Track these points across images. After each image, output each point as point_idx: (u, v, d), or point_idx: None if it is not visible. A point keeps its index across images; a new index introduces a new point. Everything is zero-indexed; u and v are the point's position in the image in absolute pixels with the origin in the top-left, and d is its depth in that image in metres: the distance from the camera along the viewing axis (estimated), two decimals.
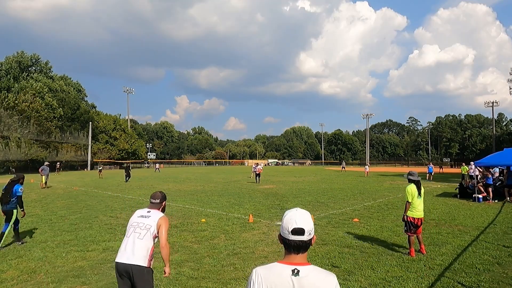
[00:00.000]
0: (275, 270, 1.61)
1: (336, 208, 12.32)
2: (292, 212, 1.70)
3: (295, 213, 1.68)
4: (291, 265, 1.60)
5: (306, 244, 1.64)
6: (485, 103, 65.42)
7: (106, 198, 15.46)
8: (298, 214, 1.67)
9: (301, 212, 1.69)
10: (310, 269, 1.61)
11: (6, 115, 45.09)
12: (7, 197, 7.16)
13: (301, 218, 1.65)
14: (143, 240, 3.28)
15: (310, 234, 1.65)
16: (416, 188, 6.40)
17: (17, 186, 7.35)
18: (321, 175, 36.26)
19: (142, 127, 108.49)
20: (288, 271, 1.58)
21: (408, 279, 5.12)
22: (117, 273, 3.28)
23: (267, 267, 1.65)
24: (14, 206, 7.25)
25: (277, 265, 1.63)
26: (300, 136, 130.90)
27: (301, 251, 1.64)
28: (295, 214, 1.67)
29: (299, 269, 1.58)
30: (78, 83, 74.78)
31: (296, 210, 1.70)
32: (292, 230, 1.63)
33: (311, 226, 1.66)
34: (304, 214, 1.68)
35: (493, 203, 13.52)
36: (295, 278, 1.56)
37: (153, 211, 3.56)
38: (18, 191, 7.30)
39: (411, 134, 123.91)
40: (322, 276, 1.60)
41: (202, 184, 23.46)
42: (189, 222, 9.57)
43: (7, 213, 7.19)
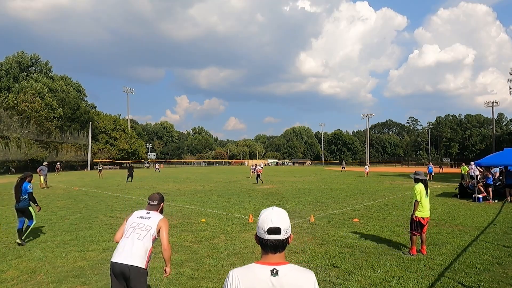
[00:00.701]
0: (253, 271, 1.58)
1: (336, 208, 12.32)
2: (268, 211, 1.66)
3: (271, 212, 1.64)
4: (269, 265, 1.57)
5: (283, 243, 1.61)
6: (485, 103, 65.46)
7: (106, 198, 15.45)
8: (274, 213, 1.64)
9: (277, 210, 1.66)
10: (289, 268, 1.58)
11: (6, 115, 45.09)
12: (18, 195, 7.45)
13: (277, 217, 1.62)
14: (143, 241, 3.24)
15: (286, 233, 1.62)
16: (424, 187, 6.46)
17: (25, 184, 7.59)
18: (321, 175, 36.26)
19: (142, 127, 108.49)
20: (266, 271, 1.55)
21: (408, 279, 5.12)
22: (112, 274, 3.22)
23: (244, 268, 1.61)
24: (27, 203, 7.52)
25: (255, 266, 1.60)
26: (300, 136, 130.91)
27: (278, 250, 1.61)
28: (271, 213, 1.64)
29: (278, 269, 1.55)
30: (78, 83, 74.83)
31: (272, 209, 1.67)
32: (268, 229, 1.59)
33: (288, 224, 1.63)
34: (281, 213, 1.65)
35: (493, 203, 13.52)
36: (274, 278, 1.54)
37: (153, 213, 3.55)
38: (27, 189, 7.54)
39: (411, 134, 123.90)
40: (301, 274, 1.59)
41: (202, 184, 23.46)
42: (189, 222, 9.57)
43: (22, 210, 7.47)
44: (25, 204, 7.51)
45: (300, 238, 7.70)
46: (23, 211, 7.50)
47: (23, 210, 7.50)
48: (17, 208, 7.50)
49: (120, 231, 3.45)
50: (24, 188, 7.53)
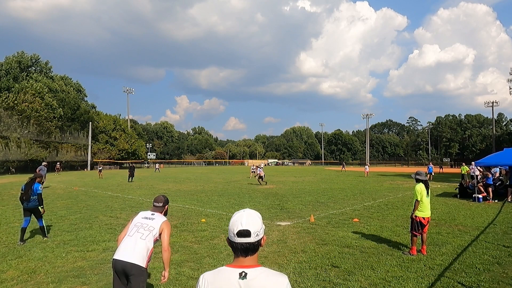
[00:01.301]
0: (222, 274, 1.56)
1: (336, 208, 12.32)
2: (239, 213, 1.63)
3: (241, 214, 1.62)
4: (239, 268, 1.55)
5: (254, 246, 1.58)
6: (485, 103, 65.55)
7: (106, 198, 15.45)
8: (244, 215, 1.61)
9: (249, 212, 1.63)
10: (259, 271, 1.55)
11: (6, 115, 45.09)
12: (28, 195, 7.50)
13: (247, 219, 1.59)
14: (145, 240, 3.34)
15: (257, 235, 1.59)
16: (425, 187, 6.47)
17: (36, 185, 7.69)
18: (321, 175, 36.26)
19: (142, 127, 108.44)
20: (235, 274, 1.53)
21: (408, 279, 5.12)
22: (114, 271, 3.29)
23: (214, 272, 1.60)
24: (36, 203, 7.62)
25: (225, 269, 1.58)
26: (300, 136, 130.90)
27: (249, 253, 1.58)
28: (241, 215, 1.61)
29: (246, 272, 1.53)
30: (78, 83, 74.82)
31: (244, 211, 1.64)
32: (238, 232, 1.56)
33: (258, 227, 1.60)
34: (252, 215, 1.62)
35: (493, 203, 13.52)
36: (243, 281, 1.51)
37: (157, 214, 3.64)
38: (38, 189, 7.65)
39: (411, 134, 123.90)
40: (272, 278, 1.55)
41: (202, 184, 23.46)
42: (189, 222, 9.57)
43: (32, 210, 7.59)
44: (35, 204, 7.63)
45: (300, 238, 7.70)
46: (34, 211, 7.63)
47: (34, 210, 7.62)
48: (26, 207, 7.59)
49: (124, 231, 3.54)
50: (35, 188, 7.64)
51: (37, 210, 7.65)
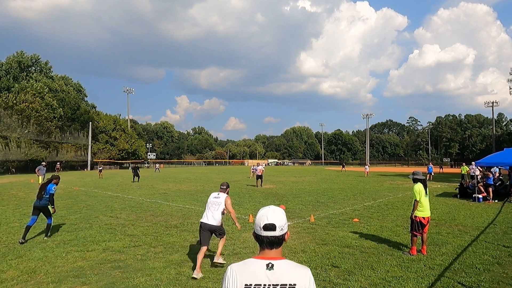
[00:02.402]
0: (250, 265, 1.64)
1: (336, 208, 12.32)
2: (265, 209, 1.73)
3: (267, 210, 1.71)
4: (265, 260, 1.63)
5: (278, 239, 1.67)
6: (485, 103, 65.50)
7: (106, 198, 15.45)
8: (270, 210, 1.70)
9: (274, 208, 1.72)
10: (284, 263, 1.63)
11: (6, 115, 45.08)
12: (41, 194, 7.87)
13: (273, 214, 1.68)
14: (217, 211, 5.59)
15: (282, 229, 1.67)
16: (423, 187, 6.47)
17: (51, 185, 8.07)
18: (321, 175, 36.26)
19: (142, 127, 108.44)
20: (262, 265, 1.61)
21: (408, 279, 5.12)
22: (201, 229, 5.56)
23: (242, 263, 1.68)
24: (47, 202, 7.93)
25: (252, 261, 1.66)
26: (300, 136, 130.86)
27: (274, 246, 1.67)
28: (267, 210, 1.71)
29: (273, 263, 1.61)
30: (78, 83, 74.84)
31: (269, 207, 1.74)
32: (264, 226, 1.66)
33: (283, 221, 1.69)
34: (277, 210, 1.71)
35: (493, 203, 13.52)
36: (270, 272, 1.59)
37: (221, 194, 5.84)
38: (51, 189, 8.00)
39: (411, 134, 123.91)
40: (296, 269, 1.63)
41: (202, 184, 23.46)
42: (189, 222, 9.57)
43: (42, 209, 7.88)
44: (45, 203, 7.93)
45: (300, 238, 7.70)
46: (43, 209, 7.89)
47: (44, 208, 7.88)
48: (37, 205, 7.83)
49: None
50: (49, 188, 7.96)
51: (47, 209, 7.92)
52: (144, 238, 7.78)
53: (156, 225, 9.21)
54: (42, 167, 21.33)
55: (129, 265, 5.86)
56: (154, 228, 8.89)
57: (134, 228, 8.83)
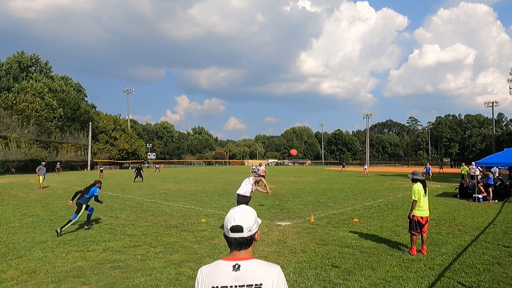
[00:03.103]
0: (218, 267, 1.65)
1: (336, 208, 12.32)
2: (234, 209, 1.72)
3: (235, 211, 1.70)
4: (233, 261, 1.63)
5: (247, 240, 1.66)
6: (485, 103, 65.46)
7: (106, 198, 15.44)
8: (238, 211, 1.69)
9: (243, 209, 1.71)
10: (252, 263, 1.63)
11: (5, 115, 45.07)
12: (84, 193, 8.77)
13: (240, 215, 1.67)
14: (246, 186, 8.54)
15: (250, 230, 1.65)
16: (422, 187, 6.48)
17: (94, 188, 8.91)
18: (321, 175, 36.26)
19: (142, 127, 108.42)
20: (229, 267, 1.61)
21: (408, 279, 5.12)
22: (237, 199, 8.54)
23: (211, 265, 1.69)
24: (84, 201, 8.68)
25: (221, 262, 1.66)
26: (300, 136, 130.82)
27: (243, 247, 1.66)
28: (235, 211, 1.69)
29: (240, 264, 1.61)
30: (78, 83, 74.81)
31: (238, 207, 1.73)
32: (231, 227, 1.65)
33: (251, 222, 1.67)
34: (245, 211, 1.70)
35: (493, 203, 13.52)
36: (236, 272, 1.59)
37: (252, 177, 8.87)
38: (95, 192, 8.88)
39: (411, 134, 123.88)
40: (265, 268, 1.62)
41: (202, 184, 23.46)
42: (189, 222, 9.57)
43: (78, 205, 8.61)
44: (83, 201, 8.65)
45: (300, 238, 7.70)
46: (78, 205, 8.60)
47: (79, 205, 8.61)
48: (77, 201, 8.71)
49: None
50: (93, 190, 8.85)
51: (80, 206, 8.62)
52: (144, 238, 7.78)
53: (156, 225, 9.21)
54: (42, 167, 21.38)
55: (129, 265, 5.86)
56: (154, 228, 8.89)
57: (134, 228, 8.83)
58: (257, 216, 1.76)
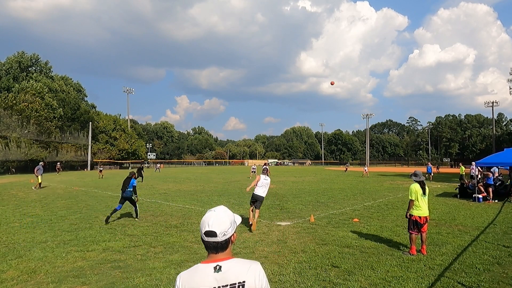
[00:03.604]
0: (197, 271, 1.63)
1: (336, 208, 12.32)
2: (209, 213, 1.69)
3: (209, 215, 1.67)
4: (213, 263, 1.62)
5: (221, 244, 1.64)
6: (485, 103, 65.51)
7: (106, 198, 15.45)
8: (213, 215, 1.67)
9: (217, 213, 1.68)
10: (232, 262, 1.63)
11: (5, 115, 45.07)
12: (125, 187, 9.94)
13: (214, 220, 1.64)
14: (266, 187, 8.84)
15: (224, 235, 1.64)
16: (420, 187, 6.47)
17: (133, 180, 10.04)
18: (321, 175, 36.26)
19: (142, 127, 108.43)
20: (210, 269, 1.60)
21: (408, 279, 5.12)
22: (252, 198, 8.78)
23: (190, 270, 1.66)
24: (130, 193, 9.95)
25: (200, 266, 1.65)
26: (300, 136, 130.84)
27: (219, 250, 1.65)
28: (209, 216, 1.67)
29: (220, 265, 1.60)
30: (78, 83, 74.83)
31: (214, 211, 1.70)
32: (205, 232, 1.64)
33: (225, 227, 1.64)
34: (219, 216, 1.67)
35: (493, 203, 13.52)
36: (218, 274, 1.59)
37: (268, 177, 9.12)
38: (133, 183, 10.02)
39: (411, 134, 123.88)
40: (245, 266, 1.63)
41: (202, 184, 23.46)
42: (189, 222, 9.57)
43: (128, 199, 9.98)
44: (130, 194, 9.94)
45: (300, 238, 7.70)
46: (129, 199, 9.97)
47: (129, 198, 9.95)
48: (123, 196, 9.94)
49: (253, 183, 8.91)
50: (132, 182, 9.94)
51: (131, 199, 9.99)
52: (144, 238, 7.78)
53: (156, 225, 9.21)
54: (41, 166, 21.22)
55: (129, 265, 5.86)
56: (154, 228, 8.89)
57: (134, 228, 8.83)
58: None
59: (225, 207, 1.76)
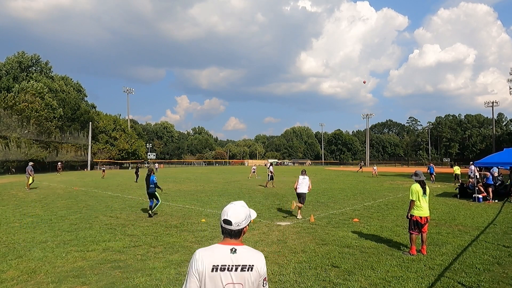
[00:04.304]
0: (216, 249, 1.95)
1: (336, 208, 12.32)
2: (230, 205, 2.03)
3: (230, 207, 2.02)
4: (229, 245, 1.95)
5: (235, 232, 1.97)
6: (485, 103, 65.52)
7: (106, 198, 15.46)
8: (232, 208, 2.01)
9: (236, 207, 2.01)
10: (245, 249, 1.98)
11: (5, 115, 45.06)
12: (148, 185, 10.79)
13: (233, 212, 1.98)
14: (306, 185, 10.56)
15: (238, 225, 1.97)
16: (421, 187, 6.47)
17: (152, 177, 10.84)
18: (321, 175, 36.26)
19: (142, 127, 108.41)
20: (227, 250, 1.93)
21: (408, 279, 5.12)
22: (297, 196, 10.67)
23: (208, 248, 1.98)
24: (154, 189, 10.74)
25: (218, 246, 1.97)
26: (300, 136, 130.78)
27: (233, 237, 1.98)
28: (229, 207, 2.01)
29: (236, 248, 1.94)
30: (78, 83, 74.79)
31: (234, 204, 2.04)
32: (223, 220, 1.98)
33: (240, 219, 1.97)
34: (237, 209, 2.00)
35: (493, 203, 13.52)
36: (233, 255, 1.92)
37: (306, 176, 10.71)
38: (154, 180, 10.85)
39: (411, 134, 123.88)
40: (254, 253, 1.99)
41: (202, 184, 23.46)
42: (189, 222, 9.57)
43: (151, 195, 10.72)
44: (153, 190, 10.68)
45: (300, 238, 7.70)
46: (152, 195, 10.70)
47: (152, 194, 10.70)
48: (148, 193, 10.83)
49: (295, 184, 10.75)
50: (152, 179, 10.73)
51: (154, 194, 10.69)
52: (144, 238, 7.78)
53: (156, 225, 9.21)
54: (31, 166, 20.72)
55: (129, 265, 5.86)
56: (154, 228, 8.89)
57: (134, 228, 8.84)
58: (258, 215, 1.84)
59: (244, 203, 2.08)
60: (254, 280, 1.93)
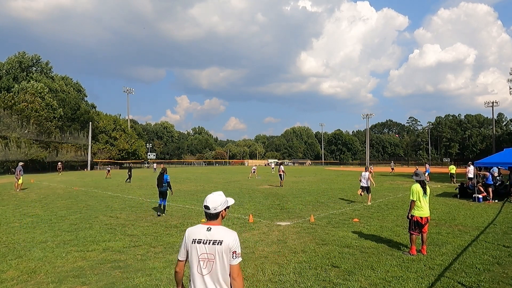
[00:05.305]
0: (197, 228, 2.56)
1: (336, 208, 12.32)
2: (211, 194, 2.60)
3: (209, 196, 2.58)
4: (207, 225, 2.54)
5: (213, 215, 2.55)
6: (485, 103, 65.35)
7: (106, 198, 15.46)
8: (210, 196, 2.58)
9: (214, 195, 2.58)
10: (220, 228, 2.52)
11: (5, 115, 45.05)
12: (161, 182, 10.94)
13: (210, 199, 2.55)
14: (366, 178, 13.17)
15: (215, 209, 2.53)
16: (421, 187, 6.47)
17: (166, 176, 11.05)
18: (321, 175, 36.26)
19: (142, 127, 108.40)
20: (205, 228, 2.53)
21: (408, 279, 5.12)
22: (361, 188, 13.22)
23: (194, 227, 2.60)
24: (166, 188, 10.91)
25: (200, 226, 2.58)
26: (300, 136, 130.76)
27: (211, 218, 2.56)
28: (209, 196, 2.58)
29: (211, 227, 2.51)
30: (78, 83, 74.79)
31: (213, 194, 2.60)
32: (204, 206, 2.57)
33: (217, 204, 2.53)
34: (215, 197, 2.56)
35: (493, 203, 13.52)
36: (208, 232, 2.49)
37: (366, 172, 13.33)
38: (167, 179, 11.05)
39: (411, 134, 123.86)
40: (226, 231, 2.50)
41: (202, 184, 23.46)
42: (189, 222, 9.57)
43: (163, 193, 10.88)
44: (165, 189, 10.89)
45: (300, 238, 7.70)
46: (164, 194, 10.85)
47: (164, 193, 10.85)
48: (160, 191, 10.94)
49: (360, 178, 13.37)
50: (165, 178, 10.97)
51: (166, 193, 10.86)
52: (144, 238, 7.78)
53: (156, 225, 9.21)
54: (21, 166, 20.34)
55: (129, 265, 5.86)
56: (154, 228, 8.89)
57: (134, 228, 8.84)
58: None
59: (221, 192, 2.64)
60: (224, 252, 2.42)
